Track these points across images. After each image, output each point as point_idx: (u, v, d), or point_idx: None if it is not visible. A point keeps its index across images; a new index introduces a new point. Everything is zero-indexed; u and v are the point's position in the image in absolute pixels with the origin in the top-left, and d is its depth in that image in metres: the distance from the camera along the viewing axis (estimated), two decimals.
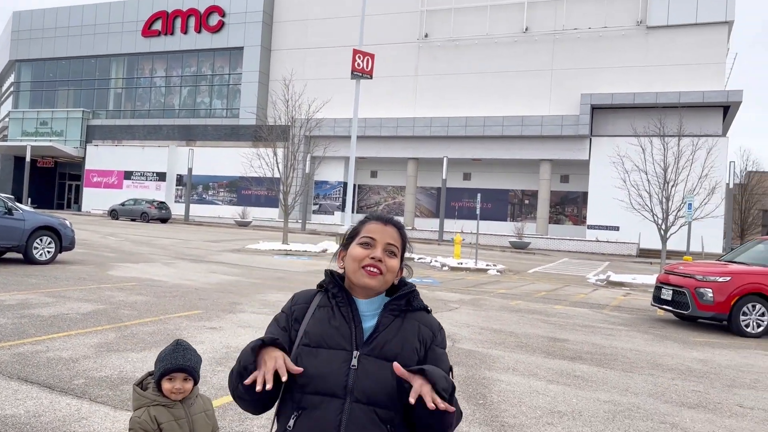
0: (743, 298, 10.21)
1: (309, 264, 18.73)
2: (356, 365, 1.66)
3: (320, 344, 1.70)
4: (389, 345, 1.70)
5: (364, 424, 1.62)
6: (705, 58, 37.99)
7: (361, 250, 1.77)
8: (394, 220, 1.88)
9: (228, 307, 9.47)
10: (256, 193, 46.93)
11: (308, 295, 1.85)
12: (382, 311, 1.77)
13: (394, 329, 1.73)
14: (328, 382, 1.64)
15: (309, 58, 46.99)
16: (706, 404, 5.92)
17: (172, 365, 2.42)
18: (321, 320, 1.75)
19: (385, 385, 1.64)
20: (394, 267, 1.79)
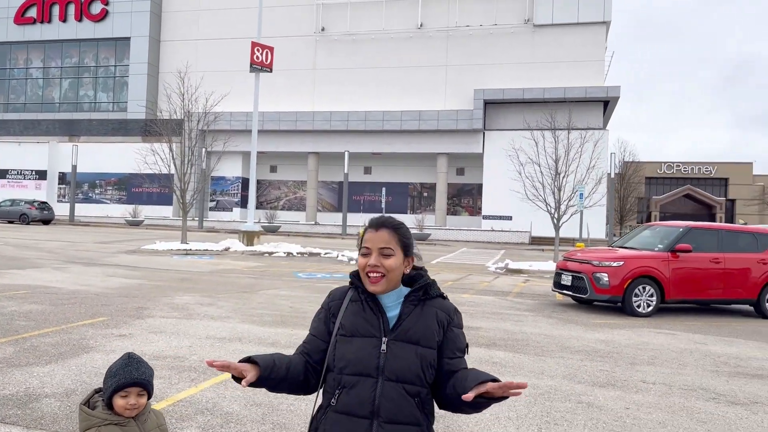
0: (635, 281, 11.02)
1: (212, 263, 18.17)
2: (385, 350, 1.96)
3: (354, 333, 1.99)
4: (412, 330, 1.98)
5: (394, 398, 1.92)
6: (586, 56, 40.44)
7: (362, 259, 2.03)
8: (387, 223, 2.06)
9: (135, 312, 9.00)
10: (147, 190, 44.88)
11: (342, 292, 2.11)
12: (403, 302, 2.03)
13: (415, 317, 2.00)
14: (362, 365, 1.95)
15: (202, 49, 45.40)
16: (615, 382, 6.34)
17: (127, 379, 2.27)
18: (353, 313, 2.03)
19: (410, 364, 1.94)
20: (393, 265, 1.99)
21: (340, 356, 1.97)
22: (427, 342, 1.97)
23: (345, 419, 1.93)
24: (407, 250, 2.05)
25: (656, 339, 8.85)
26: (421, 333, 1.97)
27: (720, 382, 6.49)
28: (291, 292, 12.15)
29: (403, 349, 1.95)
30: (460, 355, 2.01)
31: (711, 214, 62.99)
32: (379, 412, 1.91)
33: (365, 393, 1.92)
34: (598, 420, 5.08)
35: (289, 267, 18.01)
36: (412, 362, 1.94)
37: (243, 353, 6.76)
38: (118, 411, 2.28)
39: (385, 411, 1.91)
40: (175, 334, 7.65)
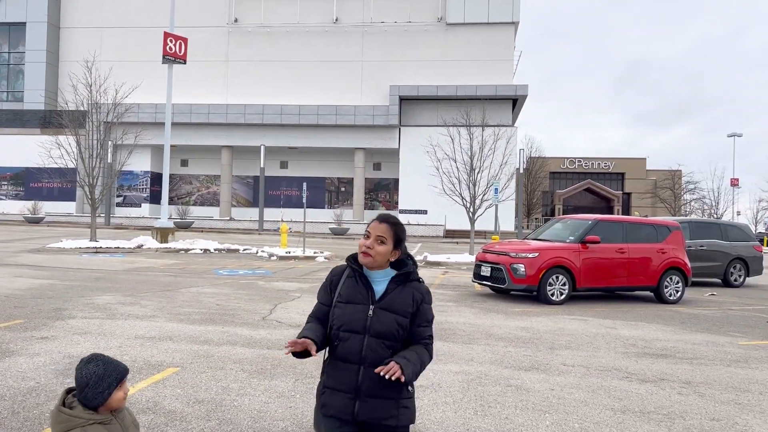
0: (549, 271, 11.70)
1: (126, 262, 17.51)
2: (372, 314, 2.58)
3: (349, 301, 2.63)
4: (393, 303, 2.61)
5: (376, 350, 2.56)
6: (496, 55, 41.88)
7: (362, 240, 2.67)
8: (389, 219, 2.68)
9: (53, 313, 8.62)
10: (48, 185, 42.44)
11: (341, 269, 2.74)
12: (389, 282, 2.65)
13: (396, 293, 2.63)
14: (354, 324, 2.58)
15: (107, 38, 43.29)
16: (538, 366, 6.77)
17: (123, 371, 2.33)
18: (349, 286, 2.66)
19: (389, 327, 2.57)
20: (381, 251, 2.62)
21: (338, 317, 2.61)
22: (404, 312, 2.60)
23: (341, 364, 2.59)
24: (398, 243, 2.66)
25: (571, 325, 9.47)
26: (399, 305, 2.60)
27: (630, 363, 7.08)
28: (215, 290, 11.98)
29: (385, 315, 2.58)
30: (426, 325, 2.66)
31: (609, 207, 67.00)
32: (365, 359, 2.55)
33: (355, 346, 2.56)
34: (527, 401, 5.44)
35: (207, 264, 17.66)
36: (391, 325, 2.57)
37: (176, 352, 6.69)
38: (117, 405, 2.32)
39: (369, 359, 2.54)
40: (101, 334, 7.42)
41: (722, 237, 17.12)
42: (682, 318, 10.69)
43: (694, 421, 5.07)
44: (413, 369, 2.51)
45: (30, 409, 4.74)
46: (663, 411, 5.30)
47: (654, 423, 4.97)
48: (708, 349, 8.01)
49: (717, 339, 8.79)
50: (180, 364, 6.19)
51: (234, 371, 6.00)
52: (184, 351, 6.76)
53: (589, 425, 4.86)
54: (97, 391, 2.26)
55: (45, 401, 4.93)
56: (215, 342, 7.25)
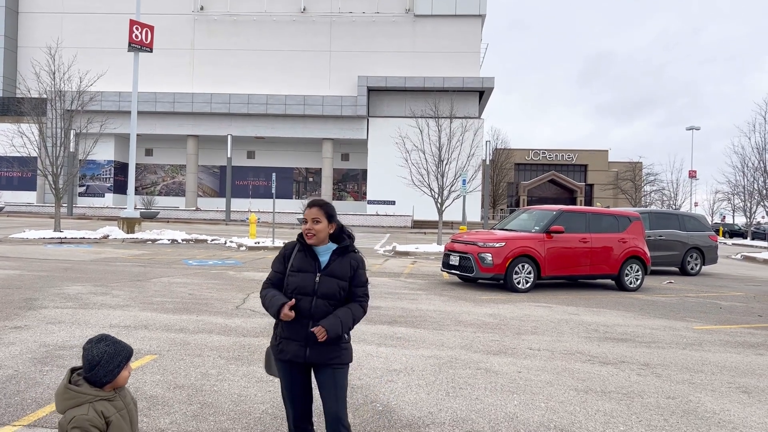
0: (515, 260, 12.04)
1: (93, 252, 17.32)
2: (318, 280, 3.25)
3: (300, 270, 3.29)
4: (335, 271, 3.28)
5: (321, 307, 3.23)
6: (463, 47, 42.25)
7: (303, 225, 3.33)
8: (317, 202, 3.33)
9: (24, 303, 8.58)
10: (7, 174, 41.41)
11: (292, 245, 3.40)
12: (332, 254, 3.32)
13: (337, 263, 3.31)
14: (304, 288, 3.24)
15: (68, 24, 42.26)
16: (505, 350, 7.06)
17: (130, 351, 2.48)
18: (300, 259, 3.32)
19: (332, 289, 3.25)
20: (320, 228, 3.28)
21: (291, 283, 3.27)
22: (343, 277, 3.28)
23: (295, 321, 3.22)
24: (331, 218, 3.31)
25: (536, 312, 9.81)
26: (340, 272, 3.28)
27: (593, 346, 7.42)
28: (186, 279, 12.00)
29: (329, 281, 3.25)
30: (361, 285, 3.35)
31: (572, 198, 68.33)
32: (314, 315, 3.22)
33: (306, 305, 3.23)
34: (496, 383, 5.70)
35: (176, 254, 17.59)
36: (334, 288, 3.25)
37: (152, 340, 6.77)
38: (122, 383, 2.48)
39: (317, 315, 3.22)
40: (76, 323, 7.45)
41: (680, 227, 17.77)
42: (642, 304, 11.15)
43: (652, 399, 5.40)
44: (344, 324, 3.21)
45: (11, 396, 4.80)
46: (623, 390, 5.62)
47: (614, 401, 5.28)
48: (665, 334, 8.42)
49: (674, 324, 9.22)
50: (157, 352, 6.29)
51: (212, 358, 6.13)
52: (160, 339, 6.84)
53: (554, 404, 5.14)
54: (107, 369, 2.39)
55: (25, 388, 4.99)
56: (191, 330, 7.35)
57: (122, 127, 37.98)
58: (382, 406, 4.96)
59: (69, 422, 2.32)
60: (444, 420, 4.68)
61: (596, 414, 4.93)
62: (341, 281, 3.24)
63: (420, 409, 4.90)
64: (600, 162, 72.62)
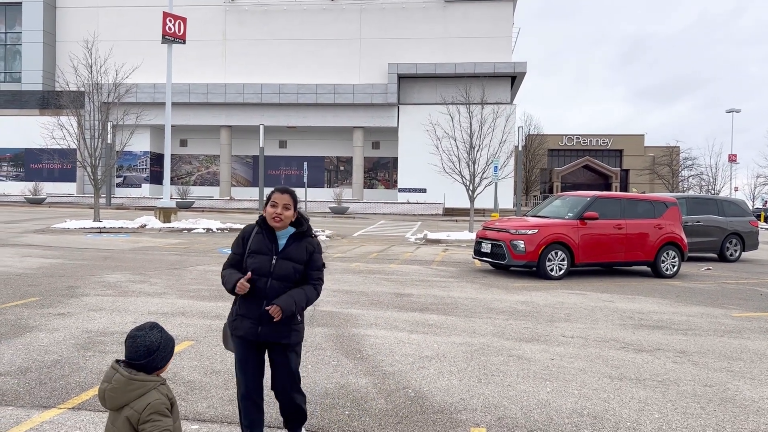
0: (548, 247, 11.93)
1: (131, 241, 17.73)
2: (275, 263, 3.45)
3: (258, 252, 3.48)
4: (291, 254, 3.48)
5: (276, 288, 3.43)
6: (494, 32, 41.72)
7: (270, 209, 3.49)
8: (288, 190, 3.53)
9: (67, 291, 8.86)
10: (48, 166, 42.51)
11: (251, 228, 3.59)
12: (289, 238, 3.52)
13: (294, 246, 3.51)
14: (261, 270, 3.43)
15: (103, 18, 43.01)
16: (538, 337, 7.03)
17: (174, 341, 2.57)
18: (258, 241, 3.50)
19: (287, 272, 3.45)
20: (288, 215, 3.48)
21: (249, 264, 3.44)
22: (299, 260, 3.49)
23: (250, 299, 3.43)
24: (296, 207, 3.53)
25: (569, 299, 9.73)
26: (295, 255, 3.48)
27: (627, 334, 7.34)
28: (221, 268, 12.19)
29: (285, 263, 3.45)
30: (316, 269, 3.56)
31: (607, 183, 67.18)
32: (269, 295, 3.41)
33: (262, 285, 3.42)
34: (528, 370, 5.69)
35: (211, 243, 17.89)
36: (289, 270, 3.45)
37: (189, 326, 6.93)
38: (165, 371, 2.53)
39: (272, 295, 3.41)
40: (116, 311, 7.66)
41: (719, 213, 17.35)
42: (678, 291, 10.96)
43: (688, 387, 5.33)
44: (298, 304, 3.41)
45: (56, 380, 4.98)
46: (658, 378, 5.56)
47: (649, 389, 5.23)
48: (702, 321, 8.27)
49: (712, 311, 9.05)
50: (194, 338, 6.44)
51: None
52: (197, 326, 7.00)
53: (587, 391, 5.11)
54: (164, 354, 2.44)
55: (69, 373, 5.17)
56: (226, 317, 7.48)
57: (157, 119, 38.62)
58: (414, 392, 5.00)
59: (144, 409, 2.32)
60: (476, 406, 4.70)
61: (631, 401, 4.89)
62: (297, 264, 3.44)
63: (452, 395, 4.93)
64: (636, 147, 71.19)
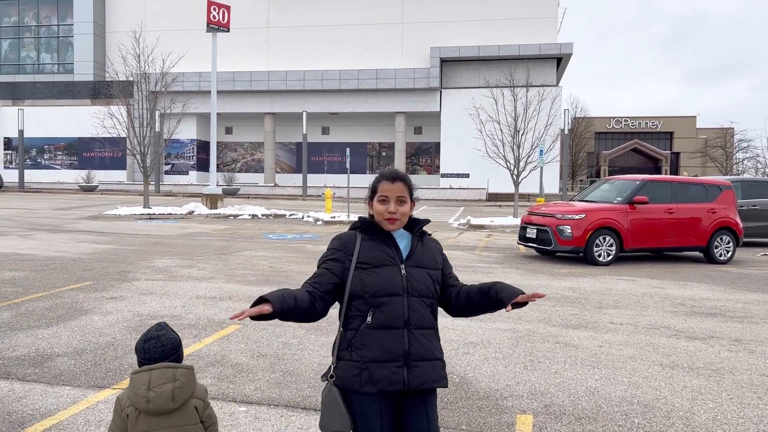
0: (596, 232, 11.68)
1: (180, 227, 18.15)
2: (405, 274, 2.44)
3: (378, 264, 2.44)
4: (422, 259, 2.51)
5: (418, 309, 2.43)
6: (539, 13, 40.81)
7: (380, 206, 2.48)
8: (400, 175, 2.55)
9: (119, 276, 9.13)
10: (100, 155, 43.78)
11: (351, 235, 2.54)
12: (411, 238, 2.56)
13: (421, 249, 2.54)
14: (392, 287, 2.41)
15: (150, 7, 43.84)
16: (586, 324, 6.90)
17: None
18: (371, 249, 2.47)
19: (425, 283, 2.47)
20: (406, 211, 2.51)
21: (369, 284, 2.39)
22: (434, 266, 2.53)
23: (381, 333, 2.36)
24: (412, 195, 2.56)
25: (618, 285, 9.51)
26: (428, 260, 2.52)
27: (679, 321, 7.13)
28: (267, 253, 12.38)
29: (419, 272, 2.47)
30: (453, 274, 2.64)
31: (657, 167, 65.30)
32: (410, 321, 2.40)
33: (398, 308, 2.38)
34: (576, 357, 5.59)
35: (257, 229, 18.16)
36: (427, 281, 2.48)
37: (237, 310, 7.03)
38: None
39: (414, 320, 2.41)
40: (166, 295, 7.86)
41: None
42: (733, 278, 10.59)
43: (744, 376, 5.15)
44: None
45: (110, 361, 5.14)
46: (712, 367, 5.38)
47: (703, 378, 5.07)
48: (759, 308, 7.98)
49: None
50: (241, 322, 6.54)
51: (292, 328, 6.31)
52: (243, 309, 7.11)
53: (637, 379, 4.99)
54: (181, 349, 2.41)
55: (122, 355, 5.33)
56: None
57: (203, 107, 39.25)
58: (458, 378, 4.97)
59: (205, 394, 2.38)
60: (522, 393, 4.65)
61: (683, 390, 4.76)
62: (432, 270, 2.50)
63: (497, 382, 4.88)
64: (687, 129, 68.86)
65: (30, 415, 4.01)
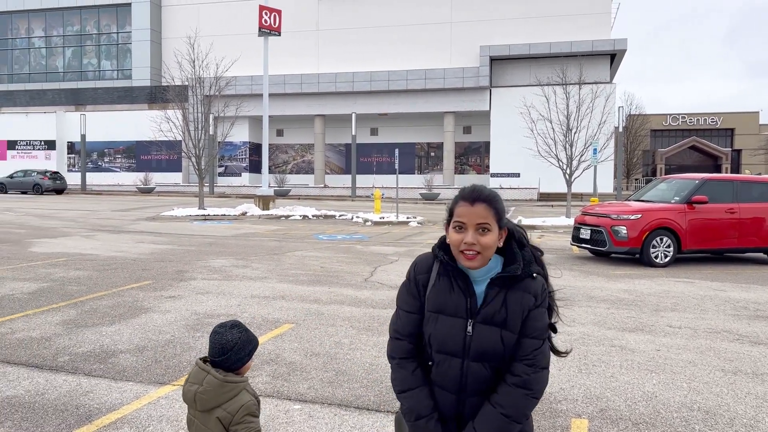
0: (653, 233, 11.37)
1: (233, 228, 18.56)
2: (471, 332, 1.94)
3: (441, 311, 1.98)
4: (497, 315, 1.93)
5: (479, 376, 1.96)
6: (592, 9, 39.95)
7: (455, 235, 1.94)
8: (482, 196, 1.96)
9: (176, 275, 9.41)
10: (156, 157, 45.13)
11: (428, 264, 2.07)
12: (489, 284, 1.97)
13: (499, 301, 1.94)
14: (448, 345, 1.97)
15: (204, 13, 44.98)
16: (642, 327, 6.73)
17: (257, 342, 2.42)
18: (441, 291, 1.99)
19: (494, 346, 1.93)
20: (489, 243, 1.92)
21: (430, 333, 2.00)
22: (512, 326, 1.93)
23: (438, 389, 2.02)
24: (501, 222, 1.97)
25: (676, 287, 9.23)
26: (504, 316, 1.93)
27: (741, 325, 6.87)
28: (318, 253, 12.54)
29: (489, 331, 1.93)
30: (535, 336, 1.94)
31: (716, 165, 62.97)
32: (466, 388, 1.98)
33: (453, 372, 1.97)
34: (632, 361, 5.46)
35: (307, 229, 18.40)
36: (497, 344, 1.93)
37: (289, 310, 7.17)
38: (245, 372, 2.40)
39: (471, 387, 1.97)
40: (221, 294, 8.06)
41: None
42: None
43: None
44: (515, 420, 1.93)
45: (170, 359, 5.31)
46: None
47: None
48: None
49: None
50: (294, 321, 6.66)
51: (344, 328, 6.39)
52: (296, 309, 7.24)
53: (698, 385, 4.84)
54: (238, 356, 2.31)
55: (181, 352, 5.50)
56: (324, 301, 7.70)
57: (255, 110, 40.02)
58: None
59: (238, 411, 2.27)
60: (576, 396, 4.58)
61: (747, 397, 4.59)
62: (508, 332, 1.93)
63: (551, 385, 4.81)
64: (749, 125, 66.16)
65: (96, 409, 4.19)
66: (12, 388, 4.57)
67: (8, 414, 4.08)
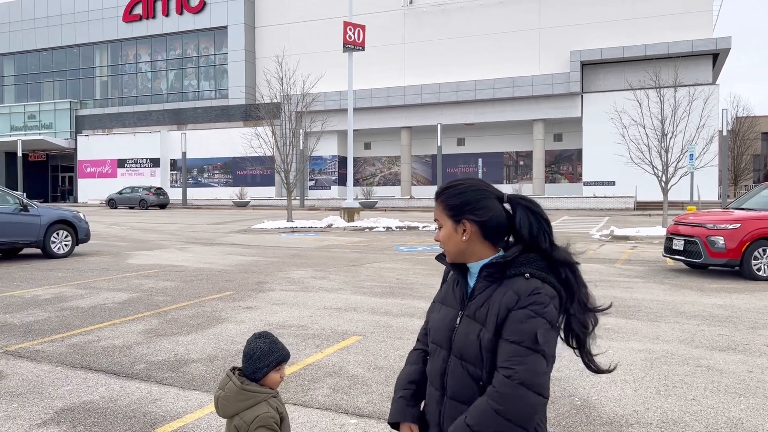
0: (754, 243, 10.51)
1: (318, 240, 18.94)
2: (458, 323, 1.85)
3: (443, 301, 1.96)
4: (479, 311, 1.80)
5: (457, 377, 1.80)
6: (692, 7, 37.86)
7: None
8: (438, 192, 1.94)
9: (256, 286, 9.68)
10: (251, 172, 46.93)
11: None
12: (477, 277, 1.86)
13: (484, 296, 1.81)
14: (439, 335, 1.90)
15: (293, 32, 46.54)
16: (735, 346, 6.20)
17: (285, 354, 2.40)
18: (449, 283, 1.99)
19: (471, 344, 1.78)
20: (442, 238, 1.88)
21: (430, 321, 2.00)
22: (489, 323, 1.76)
23: (429, 387, 1.94)
24: (458, 213, 1.85)
25: None
26: (486, 313, 1.78)
27: None
28: (395, 265, 12.54)
29: (470, 326, 1.80)
30: (513, 340, 1.70)
31: None
32: (446, 387, 1.84)
33: (438, 365, 1.87)
34: (719, 383, 5.03)
35: (389, 241, 18.46)
36: (473, 342, 1.77)
37: (359, 322, 7.17)
38: (272, 385, 2.37)
39: (451, 387, 1.83)
40: (296, 305, 8.20)
41: None
42: None
43: None
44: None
45: None
46: None
47: None
48: None
49: None
50: (362, 333, 6.65)
51: (411, 341, 6.30)
52: (366, 321, 7.23)
53: None
54: (257, 366, 2.33)
55: None
56: (394, 313, 7.65)
57: (342, 124, 40.83)
58: (580, 400, 4.67)
59: (252, 422, 2.27)
60: (651, 420, 4.26)
61: None
62: (485, 330, 1.76)
63: (624, 407, 4.52)
64: None
65: (161, 417, 4.34)
66: (89, 393, 4.82)
67: (81, 419, 4.31)
